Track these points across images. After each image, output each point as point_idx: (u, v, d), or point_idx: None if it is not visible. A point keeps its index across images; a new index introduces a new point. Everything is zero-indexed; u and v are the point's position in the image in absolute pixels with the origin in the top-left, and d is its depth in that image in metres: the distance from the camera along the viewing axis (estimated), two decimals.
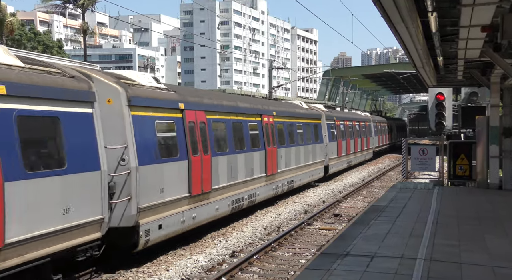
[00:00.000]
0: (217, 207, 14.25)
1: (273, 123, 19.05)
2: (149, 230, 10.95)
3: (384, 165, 38.89)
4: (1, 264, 7.36)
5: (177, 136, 12.28)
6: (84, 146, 9.35)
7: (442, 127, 24.56)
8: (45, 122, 8.62)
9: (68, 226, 8.74)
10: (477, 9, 8.78)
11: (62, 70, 9.54)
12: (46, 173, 8.40)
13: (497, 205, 14.46)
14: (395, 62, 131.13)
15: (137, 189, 10.47)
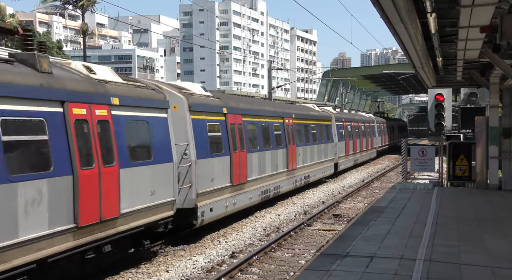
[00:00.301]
0: (251, 196, 16.85)
1: (292, 125, 21.44)
2: (204, 212, 13.57)
3: (384, 166, 38.90)
4: (118, 228, 10.03)
5: (222, 136, 14.89)
6: (163, 142, 11.76)
7: (441, 127, 24.57)
8: (139, 124, 11.19)
9: (154, 204, 11.18)
10: (476, 10, 8.80)
11: (145, 83, 12.16)
12: (142, 163, 10.96)
13: (496, 205, 14.47)
14: (394, 63, 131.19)
15: (195, 178, 13.13)
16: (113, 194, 9.82)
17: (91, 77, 10.05)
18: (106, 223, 9.61)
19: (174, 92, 13.20)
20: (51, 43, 64.59)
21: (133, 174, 10.47)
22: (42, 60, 8.73)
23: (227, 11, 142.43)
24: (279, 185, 19.45)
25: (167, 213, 11.70)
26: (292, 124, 21.29)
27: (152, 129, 11.37)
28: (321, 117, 26.68)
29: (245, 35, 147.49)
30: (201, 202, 13.34)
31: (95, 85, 9.89)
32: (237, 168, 15.51)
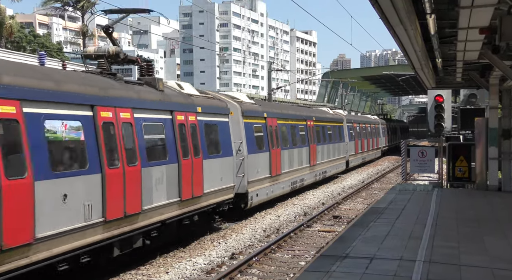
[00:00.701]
0: (283, 186, 20.23)
1: (313, 126, 24.70)
2: (252, 196, 16.94)
3: (384, 167, 38.89)
4: (201, 203, 13.38)
5: (263, 136, 18.37)
6: (226, 141, 15.14)
7: (441, 128, 24.58)
8: (212, 127, 14.51)
9: (222, 188, 14.52)
10: (475, 11, 8.80)
11: (212, 94, 16.11)
12: (215, 156, 14.32)
13: (496, 206, 14.47)
14: (394, 64, 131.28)
15: (247, 169, 16.58)
16: (200, 178, 13.25)
17: (182, 92, 13.63)
18: (195, 199, 13.01)
19: (231, 101, 16.84)
20: (52, 45, 64.58)
21: (210, 164, 13.87)
22: (159, 82, 12.43)
23: (227, 12, 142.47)
24: (303, 178, 22.84)
25: (229, 195, 15.12)
26: (313, 126, 24.60)
27: (220, 130, 14.89)
28: (335, 119, 29.93)
29: (244, 37, 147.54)
30: (251, 188, 16.85)
31: (186, 98, 13.44)
32: (274, 162, 18.97)
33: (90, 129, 9.43)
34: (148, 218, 10.94)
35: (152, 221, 11.12)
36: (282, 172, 19.70)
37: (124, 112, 10.44)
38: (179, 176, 12.20)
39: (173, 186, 11.95)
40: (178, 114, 12.51)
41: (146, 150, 11.04)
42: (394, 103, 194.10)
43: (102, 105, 9.82)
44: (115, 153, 9.96)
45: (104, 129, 9.76)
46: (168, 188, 11.74)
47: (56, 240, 8.46)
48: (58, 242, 8.50)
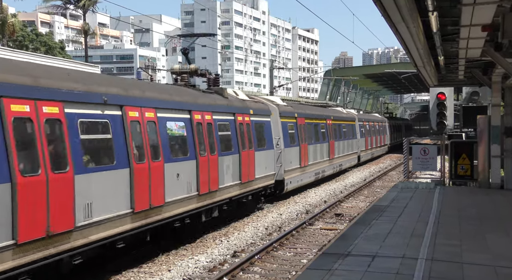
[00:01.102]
0: (309, 176, 23.89)
1: (331, 124, 28.17)
2: (287, 183, 20.54)
3: (386, 165, 38.87)
4: (253, 186, 16.98)
5: (295, 133, 21.87)
6: (269, 136, 18.92)
7: (443, 126, 24.54)
8: (260, 125, 18.26)
9: (267, 174, 18.29)
10: (478, 9, 8.77)
11: (257, 99, 20.45)
12: (261, 149, 18.01)
13: (498, 204, 14.45)
14: (396, 62, 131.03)
15: (283, 160, 20.06)
16: (252, 166, 16.91)
17: (238, 98, 17.64)
18: (250, 182, 16.66)
19: (271, 104, 20.46)
20: (54, 44, 64.62)
21: (259, 155, 17.46)
22: (224, 91, 16.45)
23: (229, 10, 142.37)
24: (324, 170, 26.40)
25: (271, 181, 18.92)
26: (331, 124, 28.01)
27: (264, 128, 18.55)
28: (348, 118, 33.43)
29: (246, 35, 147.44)
30: (286, 176, 20.38)
31: (242, 103, 17.35)
32: (303, 155, 22.55)
33: (189, 127, 13.22)
34: (223, 195, 14.77)
35: (224, 197, 14.91)
36: (308, 164, 23.49)
37: (207, 115, 14.29)
38: (240, 164, 15.94)
39: (236, 171, 15.71)
40: (238, 115, 16.38)
41: (220, 143, 14.79)
42: (396, 101, 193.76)
43: (195, 110, 13.64)
44: (202, 145, 13.75)
45: (196, 128, 13.52)
46: (233, 173, 15.48)
47: (173, 205, 12.01)
48: (174, 207, 12.05)
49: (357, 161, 34.61)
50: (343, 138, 30.32)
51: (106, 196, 9.78)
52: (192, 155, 13.08)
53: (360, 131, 35.48)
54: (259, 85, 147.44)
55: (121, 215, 10.16)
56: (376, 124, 43.16)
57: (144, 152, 11.01)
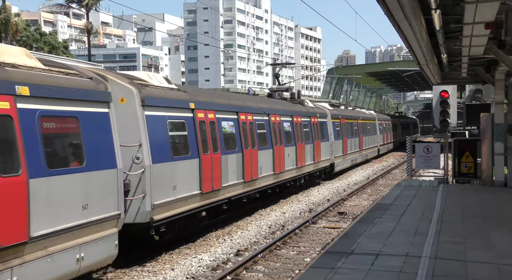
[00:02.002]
0: (348, 162, 31.02)
1: (361, 123, 35.70)
2: (336, 166, 27.52)
3: (389, 163, 38.83)
4: (319, 166, 24.30)
5: (339, 129, 28.73)
6: (326, 132, 25.61)
7: (446, 124, 24.47)
8: (322, 124, 25.04)
9: (325, 159, 25.27)
10: (481, 6, 8.75)
11: (318, 105, 27.99)
12: (323, 140, 24.84)
13: (502, 202, 14.42)
14: (399, 60, 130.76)
15: (334, 150, 26.93)
16: (318, 152, 23.58)
17: (309, 105, 24.99)
18: (317, 163, 23.48)
19: (324, 108, 28.01)
20: (57, 43, 64.76)
21: (322, 145, 24.50)
22: (304, 101, 24.56)
23: (231, 9, 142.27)
24: (356, 158, 33.48)
25: (328, 164, 26.01)
26: (360, 123, 35.43)
27: (324, 126, 25.76)
28: (371, 118, 40.87)
29: (249, 33, 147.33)
30: (336, 161, 27.41)
31: (313, 109, 24.68)
32: (344, 146, 29.82)
33: (291, 126, 20.72)
34: (304, 170, 22.16)
35: (305, 172, 22.29)
36: (347, 153, 30.62)
37: (297, 118, 21.44)
38: (313, 150, 23.27)
39: (311, 155, 22.96)
40: (312, 118, 23.74)
41: (304, 135, 22.09)
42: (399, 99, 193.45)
43: (295, 115, 21.27)
44: (298, 137, 21.16)
45: (294, 126, 20.96)
46: (310, 156, 22.82)
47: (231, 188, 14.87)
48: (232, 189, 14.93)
49: (377, 154, 41.53)
50: (368, 134, 37.90)
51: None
52: (294, 143, 20.63)
53: (379, 129, 42.45)
54: (262, 84, 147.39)
55: (238, 183, 15.43)
56: (389, 122, 50.15)
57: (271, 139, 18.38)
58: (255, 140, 17.03)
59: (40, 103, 8.28)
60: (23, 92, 8.13)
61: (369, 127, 38.48)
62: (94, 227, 8.97)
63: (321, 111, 26.03)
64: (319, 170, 24.60)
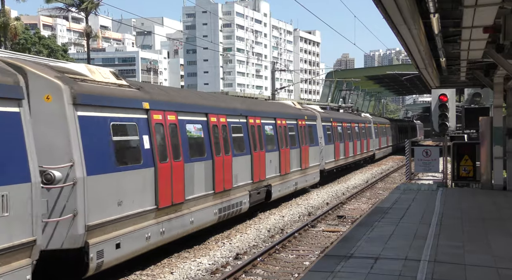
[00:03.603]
0: (378, 155, 42.24)
1: (378, 126, 42.97)
2: (376, 155, 41.95)
3: (388, 167, 38.85)
4: (364, 156, 36.75)
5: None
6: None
7: (445, 128, 24.50)
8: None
9: (368, 150, 38.09)
10: (479, 10, 8.77)
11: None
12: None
13: (501, 206, 14.42)
14: (398, 64, 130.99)
15: (374, 144, 40.62)
16: (363, 147, 35.25)
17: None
18: (363, 153, 34.90)
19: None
20: (56, 46, 64.79)
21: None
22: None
23: (230, 12, 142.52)
24: (375, 154, 41.01)
25: (371, 154, 37.52)
26: (378, 126, 41.95)
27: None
28: (384, 122, 47.08)
29: (248, 37, 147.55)
30: (376, 152, 37.31)
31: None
32: (379, 143, 41.40)
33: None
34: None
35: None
36: (381, 148, 42.41)
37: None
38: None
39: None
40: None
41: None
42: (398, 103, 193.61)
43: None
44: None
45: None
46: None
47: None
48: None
49: (391, 151, 46.20)
50: (383, 136, 41.85)
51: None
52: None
53: (374, 132, 41.23)
54: (261, 87, 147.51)
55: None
56: (388, 126, 51.03)
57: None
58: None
59: (307, 121, 16.90)
60: (306, 118, 21.64)
61: (385, 130, 41.00)
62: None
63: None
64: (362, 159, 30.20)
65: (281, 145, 19.17)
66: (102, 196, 9.46)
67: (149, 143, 10.83)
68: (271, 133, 18.56)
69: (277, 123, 19.12)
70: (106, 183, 9.57)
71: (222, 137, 14.48)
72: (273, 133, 18.71)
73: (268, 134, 18.26)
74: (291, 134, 20.45)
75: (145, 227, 10.64)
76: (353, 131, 32.79)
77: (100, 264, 9.41)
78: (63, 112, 8.97)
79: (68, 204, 8.78)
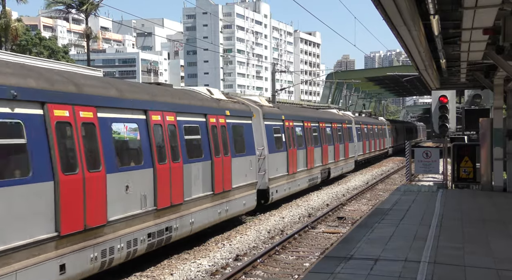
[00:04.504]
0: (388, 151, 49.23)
1: (391, 127, 49.78)
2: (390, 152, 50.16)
3: (388, 168, 38.85)
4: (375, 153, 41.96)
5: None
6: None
7: (445, 129, 24.51)
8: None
9: (384, 147, 46.73)
10: (479, 12, 8.78)
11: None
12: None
13: (501, 207, 14.42)
14: (398, 65, 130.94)
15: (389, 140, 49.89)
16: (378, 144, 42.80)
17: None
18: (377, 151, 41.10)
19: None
20: (57, 48, 64.84)
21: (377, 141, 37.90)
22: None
23: (231, 14, 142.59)
24: (388, 151, 48.26)
25: (386, 151, 47.07)
26: (391, 127, 47.68)
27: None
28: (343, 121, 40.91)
29: (248, 38, 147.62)
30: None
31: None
32: (392, 140, 50.21)
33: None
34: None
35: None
36: (371, 151, 39.94)
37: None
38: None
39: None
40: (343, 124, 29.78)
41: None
42: (398, 104, 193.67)
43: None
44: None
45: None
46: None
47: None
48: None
49: (387, 154, 46.28)
50: (379, 137, 42.78)
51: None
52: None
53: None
54: (261, 89, 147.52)
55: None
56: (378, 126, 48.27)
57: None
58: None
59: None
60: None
61: (340, 132, 29.55)
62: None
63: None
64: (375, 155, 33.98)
65: (335, 141, 27.44)
66: (274, 162, 18.54)
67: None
68: (329, 133, 26.76)
69: (332, 126, 27.56)
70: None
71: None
72: (330, 133, 27.01)
73: (328, 133, 26.57)
74: (339, 134, 28.67)
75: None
76: (374, 132, 40.98)
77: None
78: (260, 123, 18.00)
79: (262, 166, 17.50)
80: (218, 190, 13.80)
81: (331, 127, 27.62)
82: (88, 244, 9.03)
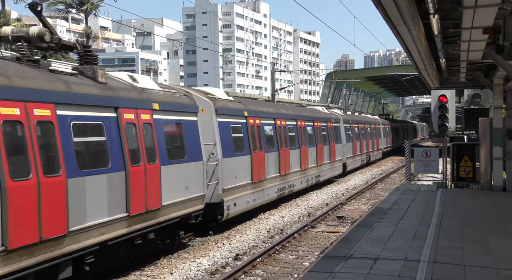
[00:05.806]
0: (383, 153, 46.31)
1: (390, 126, 49.94)
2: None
3: (388, 167, 38.86)
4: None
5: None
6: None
7: (445, 129, 24.54)
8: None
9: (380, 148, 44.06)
10: (479, 11, 8.79)
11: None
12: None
13: (501, 207, 14.43)
14: (397, 64, 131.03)
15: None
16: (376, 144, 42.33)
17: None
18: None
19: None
20: None
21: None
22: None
23: (230, 13, 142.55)
24: (389, 150, 48.42)
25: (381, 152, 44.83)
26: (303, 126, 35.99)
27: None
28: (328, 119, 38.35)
29: (248, 38, 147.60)
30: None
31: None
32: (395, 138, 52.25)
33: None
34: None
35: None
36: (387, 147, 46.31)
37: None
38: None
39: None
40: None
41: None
42: (398, 103, 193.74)
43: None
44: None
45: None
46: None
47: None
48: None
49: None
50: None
51: None
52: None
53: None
54: (261, 88, 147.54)
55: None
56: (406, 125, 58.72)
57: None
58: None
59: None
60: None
61: (325, 132, 26.22)
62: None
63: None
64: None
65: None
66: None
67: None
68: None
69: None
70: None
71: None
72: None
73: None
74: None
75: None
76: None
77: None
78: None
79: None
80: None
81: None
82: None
